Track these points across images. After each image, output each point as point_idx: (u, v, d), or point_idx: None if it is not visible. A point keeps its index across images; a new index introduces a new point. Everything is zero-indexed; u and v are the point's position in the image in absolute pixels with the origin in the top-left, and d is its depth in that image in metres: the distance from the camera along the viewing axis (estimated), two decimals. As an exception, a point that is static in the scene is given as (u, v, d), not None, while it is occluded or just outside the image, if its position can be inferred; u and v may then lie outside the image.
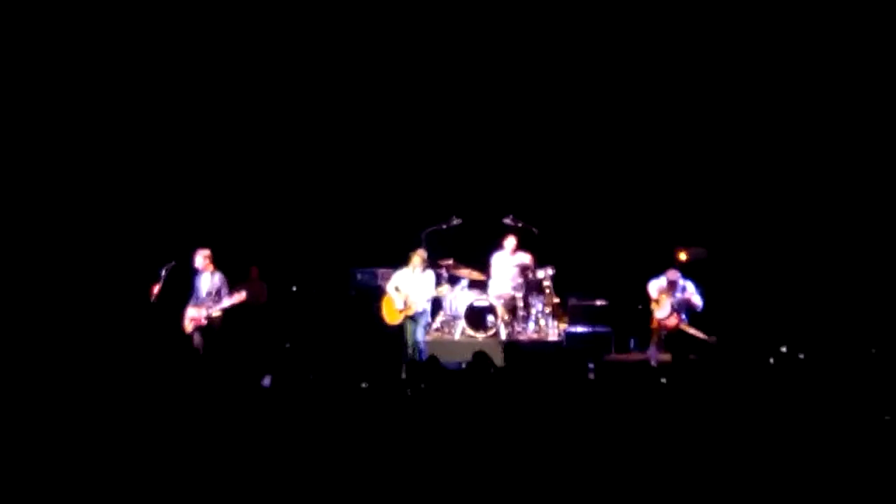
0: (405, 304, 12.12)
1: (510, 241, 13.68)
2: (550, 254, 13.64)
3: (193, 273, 11.87)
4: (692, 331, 12.23)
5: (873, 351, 9.94)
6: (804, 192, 14.36)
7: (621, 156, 15.00)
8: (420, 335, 12.17)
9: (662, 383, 7.46)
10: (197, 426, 6.28)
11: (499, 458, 5.83)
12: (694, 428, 6.23)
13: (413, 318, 12.12)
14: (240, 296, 11.69)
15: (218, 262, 12.03)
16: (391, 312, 12.30)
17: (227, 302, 11.68)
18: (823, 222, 14.21)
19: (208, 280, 11.78)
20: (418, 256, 12.22)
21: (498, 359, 9.04)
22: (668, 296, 12.31)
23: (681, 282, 12.42)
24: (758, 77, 14.29)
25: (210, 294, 11.72)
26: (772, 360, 9.10)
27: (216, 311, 11.69)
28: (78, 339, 12.09)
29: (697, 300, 12.34)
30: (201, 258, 11.81)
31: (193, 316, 11.72)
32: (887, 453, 5.80)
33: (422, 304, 12.18)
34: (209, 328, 11.71)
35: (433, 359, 8.14)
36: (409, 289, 12.17)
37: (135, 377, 7.76)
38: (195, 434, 6.17)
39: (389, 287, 12.37)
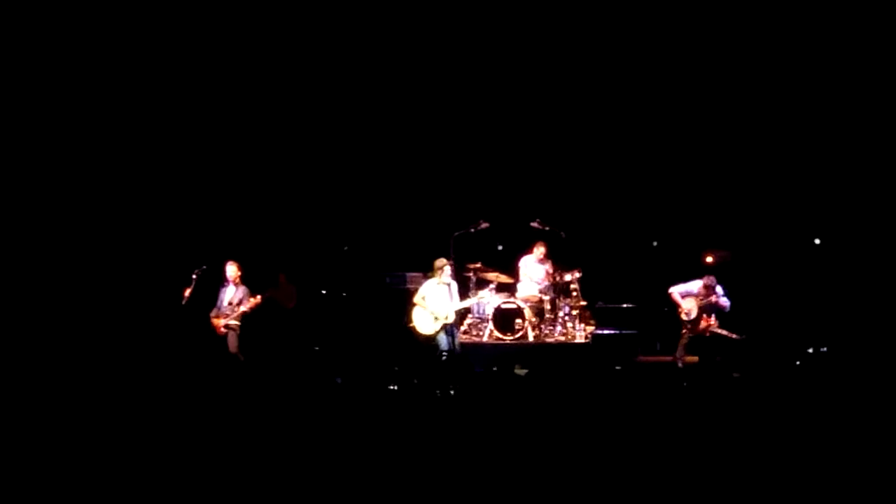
0: (437, 312, 12.19)
1: (539, 249, 13.75)
2: (577, 257, 13.71)
3: (221, 283, 12.18)
4: (722, 331, 12.27)
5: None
6: (828, 195, 14.34)
7: (648, 160, 15.04)
8: (456, 343, 12.23)
9: (687, 385, 7.50)
10: (226, 427, 6.39)
11: (526, 459, 5.90)
12: (719, 429, 6.28)
13: (445, 329, 12.19)
14: (255, 300, 11.95)
15: (249, 267, 12.26)
16: (423, 324, 12.34)
17: (242, 308, 11.95)
18: (847, 224, 14.18)
19: (232, 291, 12.10)
20: (445, 266, 12.26)
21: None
22: (699, 300, 12.37)
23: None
24: (779, 83, 14.28)
25: (231, 304, 12.02)
26: (798, 362, 9.13)
27: (233, 321, 11.97)
28: (111, 339, 12.33)
29: (725, 302, 12.39)
30: (235, 269, 12.13)
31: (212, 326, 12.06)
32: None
33: (452, 315, 12.28)
34: (229, 335, 11.99)
35: (464, 361, 8.18)
36: (436, 298, 12.23)
37: (166, 376, 7.90)
38: (223, 434, 6.27)
39: (417, 298, 12.42)
